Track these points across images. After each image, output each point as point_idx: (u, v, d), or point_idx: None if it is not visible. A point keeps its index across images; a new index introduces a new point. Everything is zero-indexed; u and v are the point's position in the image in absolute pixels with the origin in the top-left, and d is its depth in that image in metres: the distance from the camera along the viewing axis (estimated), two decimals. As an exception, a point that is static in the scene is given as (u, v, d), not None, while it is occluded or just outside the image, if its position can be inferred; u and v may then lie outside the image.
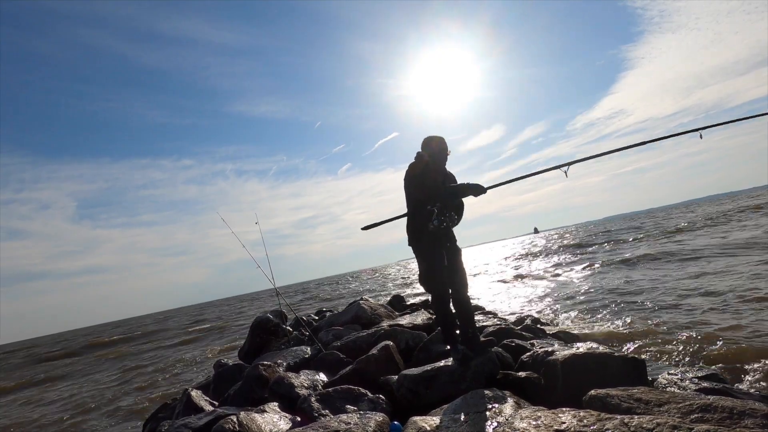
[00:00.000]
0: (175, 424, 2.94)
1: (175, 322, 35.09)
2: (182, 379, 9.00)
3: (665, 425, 1.63)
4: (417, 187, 3.15)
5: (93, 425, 6.82)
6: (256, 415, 2.75)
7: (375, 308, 6.30)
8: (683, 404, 1.88)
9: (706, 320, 5.17)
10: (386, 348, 3.64)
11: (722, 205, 40.98)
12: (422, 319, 5.23)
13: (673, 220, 30.23)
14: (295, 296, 31.42)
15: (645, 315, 6.03)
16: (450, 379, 2.85)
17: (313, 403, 2.86)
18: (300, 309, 16.70)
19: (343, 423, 2.32)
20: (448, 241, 3.20)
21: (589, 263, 14.19)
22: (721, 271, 8.16)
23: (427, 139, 3.22)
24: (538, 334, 4.94)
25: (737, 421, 1.70)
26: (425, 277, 3.26)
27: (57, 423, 7.42)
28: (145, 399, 7.78)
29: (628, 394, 2.04)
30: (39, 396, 10.71)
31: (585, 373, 2.58)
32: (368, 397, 2.90)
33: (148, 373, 10.84)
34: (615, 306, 6.98)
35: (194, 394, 3.72)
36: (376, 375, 3.34)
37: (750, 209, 24.31)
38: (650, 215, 63.10)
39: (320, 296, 27.18)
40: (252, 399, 3.53)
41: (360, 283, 32.81)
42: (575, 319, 6.69)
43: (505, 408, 2.23)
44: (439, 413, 2.40)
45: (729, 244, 11.67)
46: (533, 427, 1.86)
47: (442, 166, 3.25)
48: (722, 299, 6.00)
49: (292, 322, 7.08)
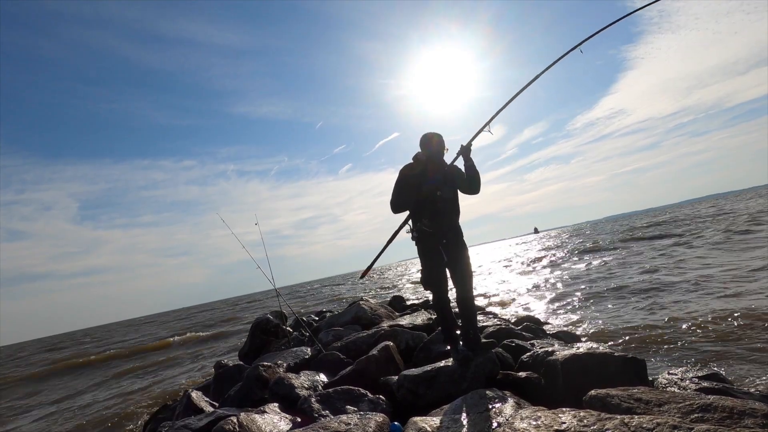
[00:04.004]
0: (176, 425, 2.94)
1: (175, 322, 35.08)
2: (182, 380, 8.99)
3: (665, 425, 1.63)
4: (402, 188, 3.22)
5: (93, 425, 6.81)
6: (257, 416, 2.74)
7: (375, 309, 6.30)
8: (683, 404, 1.87)
9: (706, 320, 5.17)
10: (386, 348, 3.64)
11: (723, 205, 40.96)
12: (422, 320, 5.23)
13: (672, 220, 30.21)
14: (295, 297, 31.42)
15: (645, 315, 6.03)
16: (450, 379, 2.85)
17: (314, 403, 2.86)
18: (300, 310, 16.71)
19: (344, 423, 2.32)
20: (448, 239, 3.19)
21: (589, 263, 14.20)
22: (725, 271, 8.15)
23: (427, 138, 3.26)
24: (538, 334, 4.94)
25: (737, 421, 1.70)
26: (424, 276, 3.27)
27: (57, 423, 7.42)
28: (145, 400, 7.77)
29: (628, 394, 2.04)
30: (38, 394, 10.71)
31: (585, 373, 2.58)
32: (368, 398, 2.90)
33: (148, 373, 10.84)
34: (615, 306, 6.98)
35: (194, 395, 3.72)
36: (376, 375, 3.34)
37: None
38: (647, 215, 63.07)
39: (320, 297, 27.18)
40: (252, 400, 3.53)
41: (360, 283, 32.80)
42: (575, 318, 6.69)
43: (506, 408, 2.22)
44: (439, 413, 2.40)
45: (736, 244, 11.67)
46: (533, 427, 1.86)
47: (440, 162, 3.30)
48: (724, 299, 6.00)
49: (292, 322, 7.08)
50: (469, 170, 3.30)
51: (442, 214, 3.18)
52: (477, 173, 3.29)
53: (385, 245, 3.54)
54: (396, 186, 3.25)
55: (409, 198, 3.20)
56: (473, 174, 3.28)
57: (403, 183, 3.22)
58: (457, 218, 3.29)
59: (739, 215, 21.30)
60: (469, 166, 3.30)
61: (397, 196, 3.24)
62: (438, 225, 3.17)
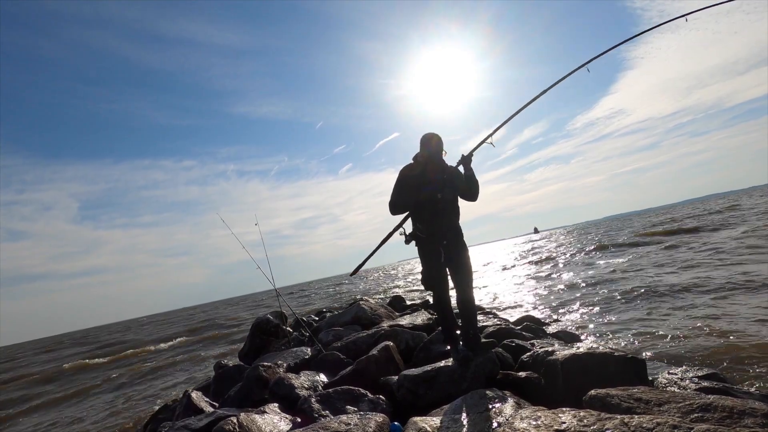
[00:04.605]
0: (176, 426, 2.94)
1: (175, 322, 35.08)
2: (182, 381, 8.99)
3: (665, 425, 1.63)
4: (402, 189, 3.23)
5: (93, 426, 6.81)
6: (257, 416, 2.74)
7: (375, 309, 6.31)
8: (683, 404, 1.87)
9: (707, 320, 5.17)
10: (386, 348, 3.64)
11: (723, 204, 40.98)
12: (422, 320, 5.23)
13: (669, 221, 30.22)
14: (296, 297, 31.41)
15: (645, 314, 6.03)
16: (450, 379, 2.85)
17: (314, 403, 2.86)
18: (300, 310, 16.70)
19: (344, 424, 2.31)
20: (448, 240, 3.19)
21: (589, 263, 14.20)
22: (724, 271, 8.16)
23: (426, 138, 3.27)
24: (538, 333, 4.94)
25: (737, 421, 1.70)
26: (425, 276, 3.29)
27: (58, 425, 7.42)
28: (145, 400, 7.78)
29: (628, 393, 2.04)
30: (38, 396, 10.70)
31: (585, 373, 2.58)
32: (368, 398, 2.90)
33: (147, 373, 10.84)
34: (615, 305, 6.97)
35: (194, 395, 3.72)
36: (377, 375, 3.34)
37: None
38: (644, 215, 63.12)
39: (320, 297, 27.17)
40: (252, 400, 3.53)
41: (360, 283, 32.81)
42: (575, 318, 6.69)
43: (506, 408, 2.22)
44: (439, 413, 2.40)
45: (735, 245, 11.68)
46: (533, 427, 1.86)
47: (440, 162, 3.30)
48: (724, 299, 6.00)
49: (292, 322, 7.08)
50: (469, 180, 3.34)
51: (441, 215, 3.19)
52: (476, 183, 3.35)
53: (377, 246, 3.57)
54: (396, 187, 3.27)
55: (408, 199, 3.21)
56: (473, 184, 3.33)
57: (403, 183, 3.24)
58: (458, 219, 3.30)
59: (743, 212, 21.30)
60: (469, 177, 3.35)
61: (396, 197, 3.25)
62: (438, 226, 3.18)
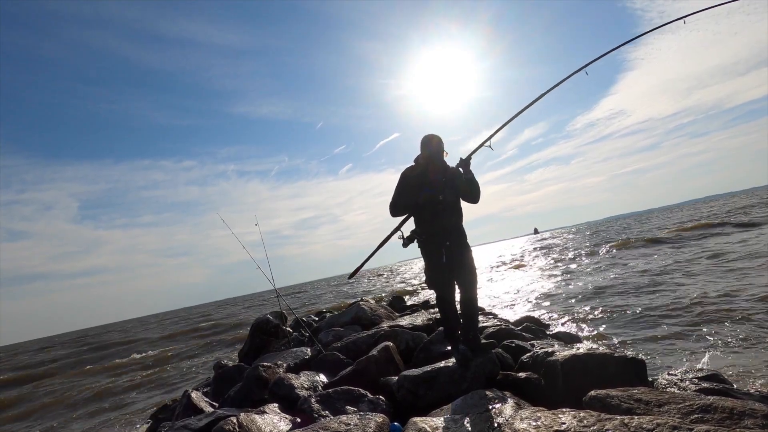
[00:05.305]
0: (175, 426, 2.94)
1: (175, 322, 35.08)
2: (182, 381, 8.99)
3: (665, 425, 1.63)
4: (403, 189, 3.24)
5: (92, 426, 6.81)
6: (256, 417, 2.74)
7: (375, 309, 6.31)
8: (683, 404, 1.87)
9: (706, 320, 5.17)
10: (386, 349, 3.64)
11: (723, 204, 40.98)
12: (422, 320, 5.22)
13: (674, 222, 30.21)
14: (296, 297, 31.41)
15: (645, 314, 6.03)
16: (450, 379, 2.85)
17: (313, 404, 2.86)
18: (300, 310, 16.70)
19: (343, 424, 2.31)
20: (451, 241, 3.19)
21: (590, 264, 14.20)
22: (724, 272, 8.16)
23: (427, 138, 3.27)
24: (538, 334, 4.94)
25: (737, 422, 1.70)
26: (428, 276, 3.30)
27: (58, 426, 7.41)
28: (145, 400, 7.78)
29: (628, 394, 2.04)
30: (37, 397, 10.70)
31: (585, 374, 2.58)
32: (368, 398, 2.90)
33: (147, 373, 10.84)
34: (615, 306, 6.97)
35: (194, 395, 3.72)
36: (376, 376, 3.34)
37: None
38: (639, 217, 63.09)
39: (320, 297, 27.17)
40: (252, 400, 3.53)
41: (360, 283, 32.81)
42: (575, 319, 6.69)
43: (506, 408, 2.23)
44: (439, 414, 2.40)
45: (736, 248, 11.67)
46: (533, 427, 1.86)
47: (441, 163, 3.31)
48: (724, 300, 5.99)
49: (292, 323, 7.08)
50: (469, 183, 3.31)
51: (442, 215, 3.19)
52: (477, 185, 3.32)
53: (375, 250, 3.57)
54: (397, 188, 3.28)
55: (409, 200, 3.22)
56: (473, 186, 3.31)
57: (404, 184, 3.25)
58: (461, 220, 3.31)
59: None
60: (470, 179, 3.32)
61: (397, 198, 3.26)
62: (439, 226, 3.18)
